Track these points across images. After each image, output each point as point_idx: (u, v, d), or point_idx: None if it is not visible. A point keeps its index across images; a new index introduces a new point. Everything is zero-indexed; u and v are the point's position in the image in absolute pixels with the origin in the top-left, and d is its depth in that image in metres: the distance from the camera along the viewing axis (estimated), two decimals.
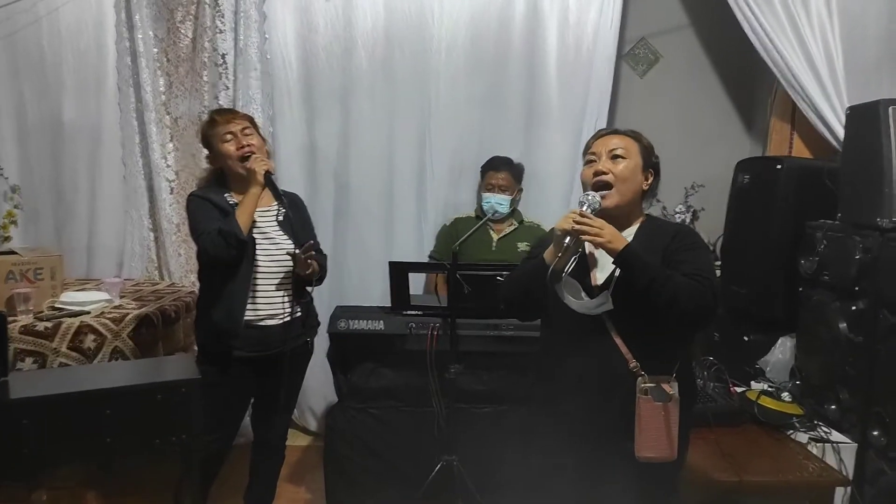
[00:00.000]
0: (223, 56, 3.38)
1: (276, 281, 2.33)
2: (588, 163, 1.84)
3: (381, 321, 2.61)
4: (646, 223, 1.86)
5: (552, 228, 2.04)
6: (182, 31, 3.38)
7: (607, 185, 1.77)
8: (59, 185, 3.44)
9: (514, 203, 3.21)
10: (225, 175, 2.39)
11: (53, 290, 2.77)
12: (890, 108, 2.36)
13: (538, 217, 3.36)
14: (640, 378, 1.70)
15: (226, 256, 2.21)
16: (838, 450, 2.39)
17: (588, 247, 1.81)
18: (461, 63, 3.45)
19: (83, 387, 1.85)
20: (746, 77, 3.74)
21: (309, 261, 2.29)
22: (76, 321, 2.55)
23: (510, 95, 3.49)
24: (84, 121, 3.42)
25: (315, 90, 3.45)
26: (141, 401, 1.86)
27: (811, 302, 2.69)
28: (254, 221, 2.27)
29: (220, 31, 3.36)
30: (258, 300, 2.31)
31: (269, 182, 2.28)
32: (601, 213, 1.73)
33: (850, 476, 2.35)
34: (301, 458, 3.33)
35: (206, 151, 2.46)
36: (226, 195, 2.35)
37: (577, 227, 1.64)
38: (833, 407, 2.53)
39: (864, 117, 2.49)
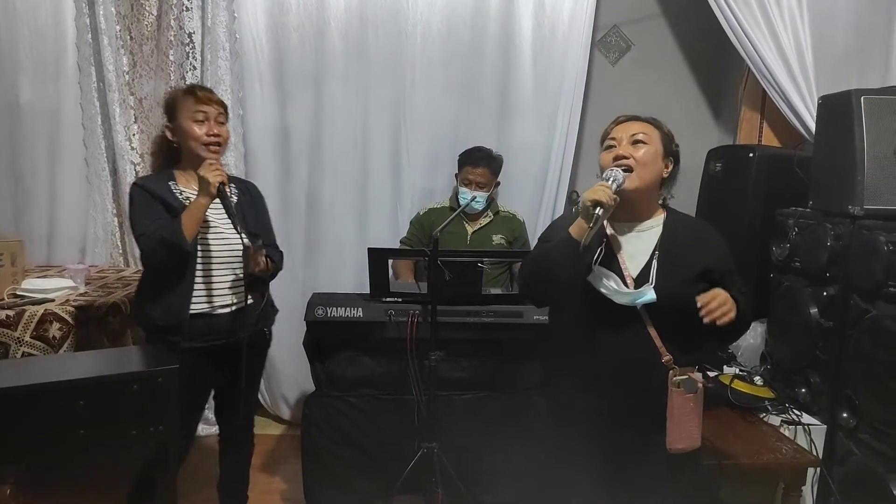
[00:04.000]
0: (190, 35, 3.27)
1: (225, 269, 2.23)
2: (607, 148, 1.79)
3: (360, 308, 2.57)
4: (669, 219, 1.83)
5: (560, 217, 2.01)
6: (146, 7, 3.26)
7: (628, 170, 1.71)
8: (16, 169, 3.29)
9: (490, 199, 3.15)
10: (175, 151, 2.25)
11: (14, 276, 2.66)
12: (862, 98, 2.40)
13: (512, 206, 3.34)
14: (671, 371, 1.71)
15: (164, 264, 2.11)
16: (809, 432, 2.47)
17: (609, 229, 1.78)
18: (437, 47, 3.40)
19: (55, 377, 1.77)
20: (715, 67, 3.80)
21: (260, 258, 2.19)
22: (40, 309, 2.45)
23: (486, 81, 3.46)
24: (42, 101, 3.28)
25: (287, 72, 3.36)
26: (116, 391, 1.79)
27: (782, 288, 2.74)
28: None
29: (187, 9, 3.25)
30: (207, 289, 2.20)
31: (222, 195, 2.15)
32: (620, 195, 1.67)
33: (821, 457, 2.42)
34: (275, 447, 3.27)
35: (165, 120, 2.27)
36: (170, 183, 2.20)
37: (609, 202, 1.60)
38: (803, 390, 2.59)
39: (835, 107, 2.53)
